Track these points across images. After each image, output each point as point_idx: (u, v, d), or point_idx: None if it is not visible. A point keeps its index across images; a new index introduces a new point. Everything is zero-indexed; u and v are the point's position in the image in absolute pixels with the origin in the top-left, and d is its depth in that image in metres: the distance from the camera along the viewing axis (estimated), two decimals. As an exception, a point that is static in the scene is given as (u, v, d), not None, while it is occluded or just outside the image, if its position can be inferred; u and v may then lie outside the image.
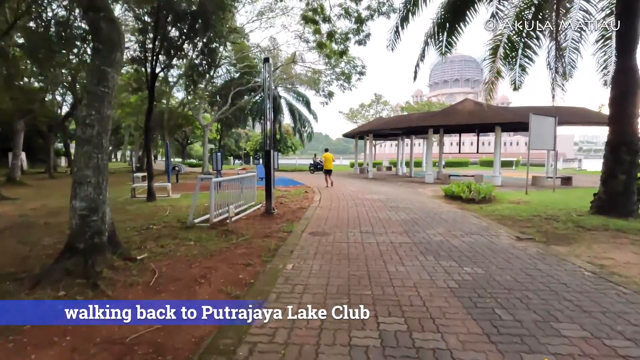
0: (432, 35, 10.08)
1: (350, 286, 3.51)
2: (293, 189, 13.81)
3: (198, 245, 5.33)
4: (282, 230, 6.31)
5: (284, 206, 9.30)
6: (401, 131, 20.87)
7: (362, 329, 2.61)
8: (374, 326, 2.66)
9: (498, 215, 7.62)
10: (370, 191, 12.69)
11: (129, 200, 10.81)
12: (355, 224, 6.68)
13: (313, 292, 3.36)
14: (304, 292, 3.36)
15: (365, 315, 2.77)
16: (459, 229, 6.19)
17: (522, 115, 15.20)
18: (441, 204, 9.53)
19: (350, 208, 8.74)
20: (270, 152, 7.61)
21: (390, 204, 9.33)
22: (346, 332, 2.57)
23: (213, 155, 13.72)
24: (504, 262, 4.27)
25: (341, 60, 20.64)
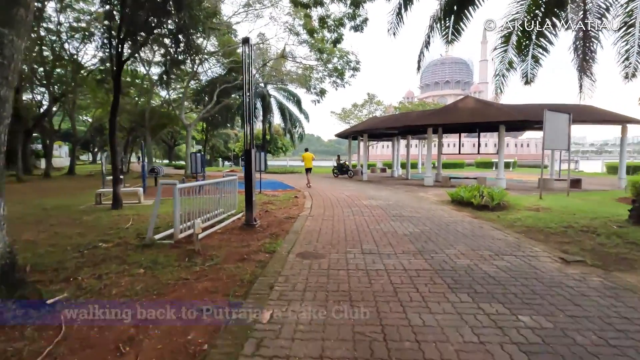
0: (438, 19, 8.90)
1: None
2: (282, 193, 12.50)
3: (149, 274, 3.99)
4: (263, 249, 5.00)
5: (270, 215, 7.98)
6: (398, 130, 19.72)
7: None
8: None
9: (522, 227, 6.43)
10: (367, 196, 11.45)
11: (91, 208, 9.36)
12: (355, 240, 5.41)
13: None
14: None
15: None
16: (484, 247, 4.96)
17: (527, 113, 14.17)
18: (450, 211, 8.32)
19: (346, 217, 7.47)
20: (251, 152, 6.29)
21: (392, 212, 8.09)
22: None
23: (191, 156, 12.31)
24: (571, 305, 3.04)
25: (334, 55, 19.43)
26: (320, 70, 20.92)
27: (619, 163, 15.07)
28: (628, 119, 14.33)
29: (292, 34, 17.89)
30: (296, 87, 26.80)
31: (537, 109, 14.73)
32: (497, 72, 9.94)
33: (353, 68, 19.54)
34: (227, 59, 21.55)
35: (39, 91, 27.71)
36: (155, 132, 26.33)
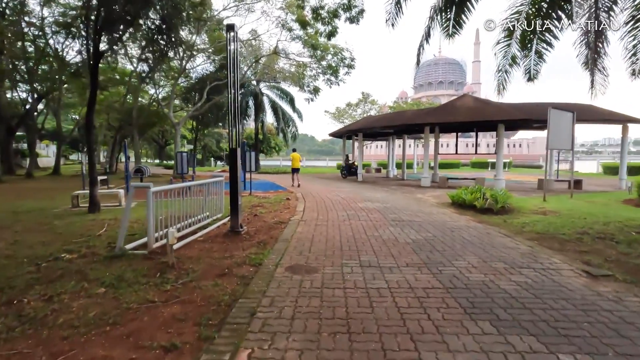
0: (439, 10, 8.38)
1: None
2: (273, 195, 11.89)
3: (109, 295, 3.37)
4: (248, 261, 4.40)
5: (259, 219, 7.37)
6: (393, 130, 19.20)
7: None
8: None
9: (533, 233, 5.91)
10: (363, 197, 10.89)
11: (66, 212, 8.67)
12: (352, 250, 4.83)
13: None
14: None
15: None
16: (497, 258, 4.42)
17: (527, 111, 13.75)
18: (452, 215, 7.79)
19: (342, 222, 6.89)
20: (237, 151, 5.68)
21: (391, 216, 7.53)
22: None
23: (177, 156, 11.62)
24: (616, 338, 2.50)
25: (328, 51, 18.86)
26: (314, 68, 20.32)
27: (620, 163, 14.74)
28: (629, 118, 13.99)
29: (284, 30, 17.27)
30: (289, 85, 26.17)
31: (537, 107, 14.33)
32: (500, 68, 9.47)
33: (347, 65, 18.97)
34: (218, 56, 20.83)
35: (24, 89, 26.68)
36: (144, 131, 25.49)
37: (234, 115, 5.66)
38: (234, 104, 5.64)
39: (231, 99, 5.63)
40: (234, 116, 5.66)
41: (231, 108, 5.67)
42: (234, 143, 5.65)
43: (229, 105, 5.67)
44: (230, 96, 5.65)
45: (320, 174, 25.90)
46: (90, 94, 8.63)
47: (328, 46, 18.76)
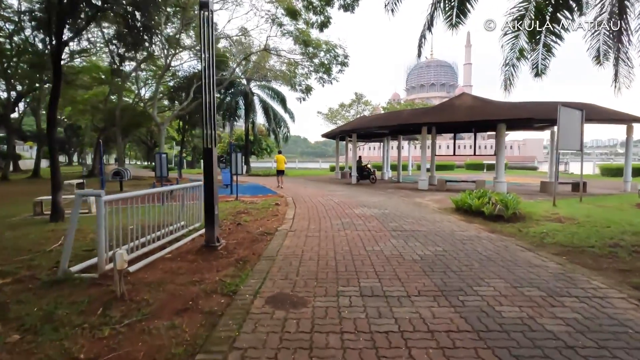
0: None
1: None
2: (262, 199, 10.99)
3: (22, 346, 2.48)
4: (220, 288, 3.52)
5: (242, 230, 6.47)
6: (388, 130, 18.44)
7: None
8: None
9: (557, 246, 5.13)
10: (358, 202, 10.05)
11: (25, 221, 7.70)
12: (350, 272, 3.97)
13: None
14: None
15: None
16: (527, 282, 3.61)
17: (530, 110, 13.10)
18: (459, 223, 7.00)
19: (336, 233, 6.03)
20: (213, 152, 4.79)
21: (391, 224, 6.71)
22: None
23: (156, 157, 10.64)
24: None
25: (320, 49, 18.02)
26: (306, 66, 19.46)
27: (625, 165, 14.18)
28: (635, 118, 13.43)
29: (274, 25, 16.40)
30: (280, 84, 25.31)
31: (539, 106, 13.71)
32: (507, 61, 8.76)
33: (341, 63, 18.14)
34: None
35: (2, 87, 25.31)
36: (128, 132, 24.31)
37: (209, 109, 4.77)
38: (209, 95, 4.76)
39: (206, 89, 4.75)
40: (208, 110, 4.77)
41: (206, 100, 4.78)
42: (209, 141, 4.76)
43: (203, 96, 4.79)
44: (205, 87, 4.76)
45: (312, 177, 25.06)
46: (53, 86, 7.66)
47: (320, 43, 17.95)
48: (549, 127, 16.06)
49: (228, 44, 23.56)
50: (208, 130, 4.74)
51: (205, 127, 4.75)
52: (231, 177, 11.30)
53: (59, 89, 7.62)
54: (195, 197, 6.71)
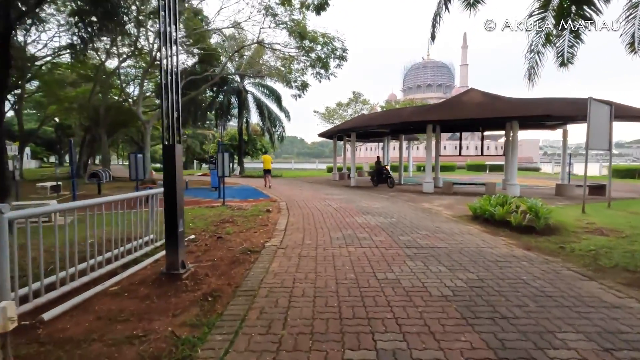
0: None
1: None
2: (252, 205, 9.83)
3: None
4: (168, 351, 2.35)
5: (221, 246, 5.29)
6: (390, 129, 17.34)
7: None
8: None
9: (620, 270, 4.01)
10: (360, 208, 8.91)
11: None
12: (360, 319, 2.81)
13: None
14: None
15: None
16: (621, 340, 2.47)
17: (545, 107, 12.03)
18: (483, 236, 5.87)
19: (337, 251, 4.87)
20: (175, 149, 3.63)
21: (402, 238, 5.56)
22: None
23: (130, 158, 9.41)
24: None
25: (317, 42, 16.88)
26: (302, 61, 18.29)
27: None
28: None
29: (268, 16, 15.24)
30: (275, 81, 24.14)
31: (555, 103, 12.65)
32: (532, 47, 7.67)
33: (339, 57, 17.00)
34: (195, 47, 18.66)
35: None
36: (114, 131, 23.01)
37: (171, 86, 3.60)
38: (170, 62, 3.59)
39: (167, 56, 3.57)
40: (171, 87, 3.60)
41: (167, 72, 3.61)
42: (169, 136, 3.59)
43: (160, 67, 3.62)
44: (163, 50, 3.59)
45: (309, 178, 23.91)
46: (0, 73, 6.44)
47: (317, 36, 16.81)
48: (561, 125, 15.04)
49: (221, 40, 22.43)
50: (168, 120, 3.56)
51: (165, 116, 3.58)
52: (219, 179, 10.15)
53: (6, 76, 6.41)
54: (151, 208, 5.52)
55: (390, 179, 15.38)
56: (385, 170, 15.71)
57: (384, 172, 15.66)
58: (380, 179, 15.78)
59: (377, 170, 16.04)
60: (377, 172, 15.98)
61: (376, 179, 15.95)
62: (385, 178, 15.50)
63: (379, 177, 15.83)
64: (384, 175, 15.61)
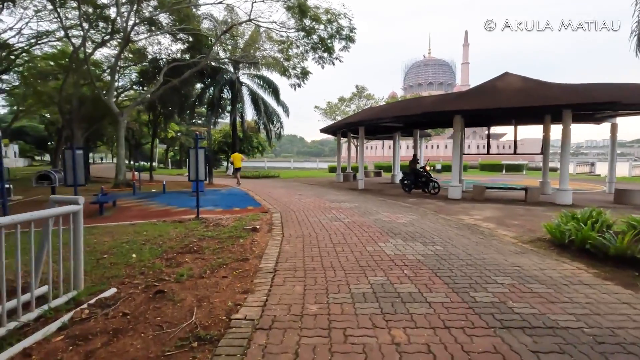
0: None
1: None
2: (235, 217, 7.40)
3: None
4: None
5: (146, 323, 2.86)
6: (405, 122, 14.89)
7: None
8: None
9: None
10: (382, 225, 6.49)
11: None
12: None
13: None
14: None
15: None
16: None
17: (609, 93, 9.62)
18: (605, 286, 3.45)
19: (371, 341, 2.45)
20: None
21: (480, 300, 3.15)
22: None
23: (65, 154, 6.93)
24: None
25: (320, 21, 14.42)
26: (302, 44, 15.82)
27: None
28: None
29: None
30: (272, 71, 21.68)
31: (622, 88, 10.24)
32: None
33: (346, 37, 14.56)
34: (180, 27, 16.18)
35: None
36: (90, 126, 20.49)
37: None
38: None
39: None
40: None
41: None
42: None
43: None
44: None
45: (310, 179, 21.48)
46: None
47: (319, 14, 14.35)
48: (608, 118, 12.62)
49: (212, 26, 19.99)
50: None
51: None
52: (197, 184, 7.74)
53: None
54: (69, 237, 3.14)
55: (433, 183, 12.02)
56: (425, 173, 12.32)
57: (424, 175, 12.31)
58: (416, 184, 12.52)
59: (414, 172, 12.69)
60: (414, 174, 12.62)
61: (412, 184, 12.58)
62: (426, 182, 12.21)
63: (414, 181, 12.54)
64: (424, 178, 12.29)
